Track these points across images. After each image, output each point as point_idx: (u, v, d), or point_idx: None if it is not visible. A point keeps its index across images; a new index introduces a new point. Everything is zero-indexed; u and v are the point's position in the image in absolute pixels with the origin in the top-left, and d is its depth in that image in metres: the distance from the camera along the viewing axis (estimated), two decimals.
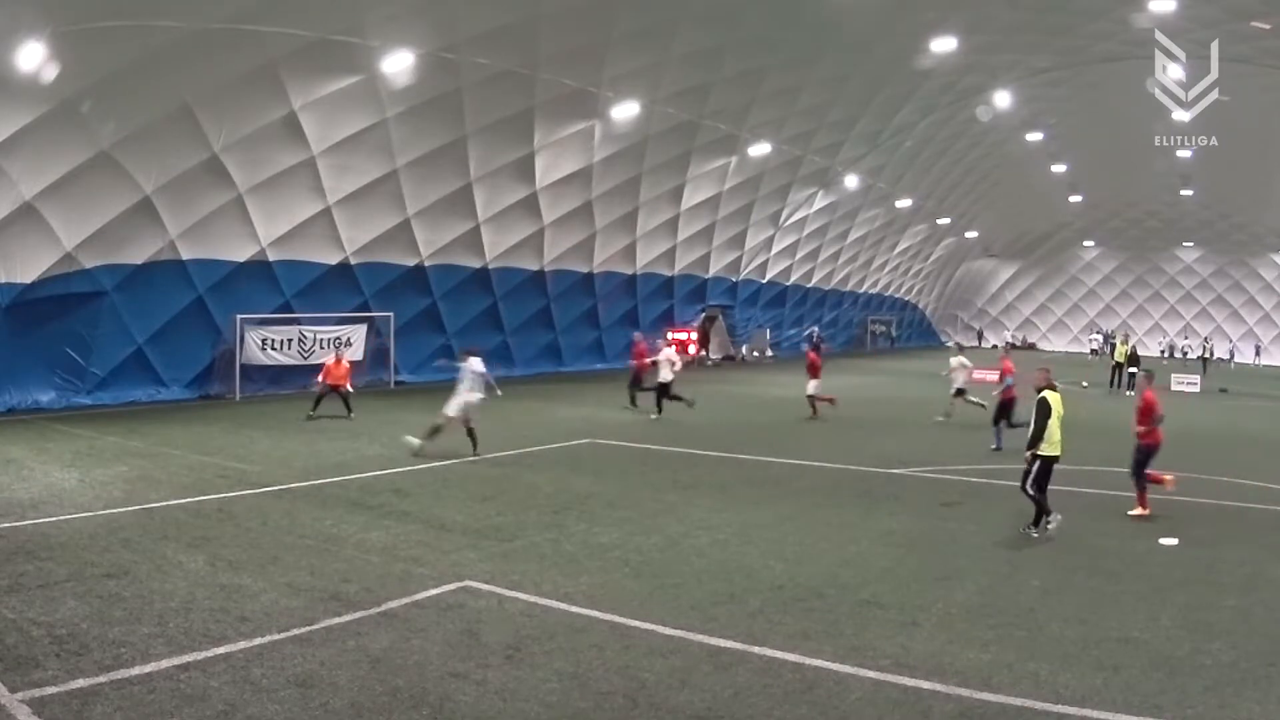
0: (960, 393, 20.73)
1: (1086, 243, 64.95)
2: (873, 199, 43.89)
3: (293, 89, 19.49)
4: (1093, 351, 59.08)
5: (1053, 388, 11.04)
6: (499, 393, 15.78)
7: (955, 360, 21.23)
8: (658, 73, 25.46)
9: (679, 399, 20.93)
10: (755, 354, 44.28)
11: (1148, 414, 12.07)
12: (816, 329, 44.26)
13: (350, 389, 19.62)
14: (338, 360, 19.94)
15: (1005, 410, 17.51)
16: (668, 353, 21.31)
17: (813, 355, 22.43)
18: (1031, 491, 10.76)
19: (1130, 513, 11.90)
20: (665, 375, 20.97)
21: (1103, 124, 39.41)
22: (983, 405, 19.44)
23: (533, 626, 7.24)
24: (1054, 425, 10.71)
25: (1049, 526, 10.64)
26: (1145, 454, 12.06)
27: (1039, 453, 10.69)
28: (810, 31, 25.92)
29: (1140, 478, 12.03)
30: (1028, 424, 10.95)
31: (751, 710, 5.88)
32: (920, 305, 65.18)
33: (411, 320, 26.60)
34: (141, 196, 18.96)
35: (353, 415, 19.05)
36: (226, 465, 13.59)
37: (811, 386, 21.70)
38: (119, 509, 10.66)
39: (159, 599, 7.55)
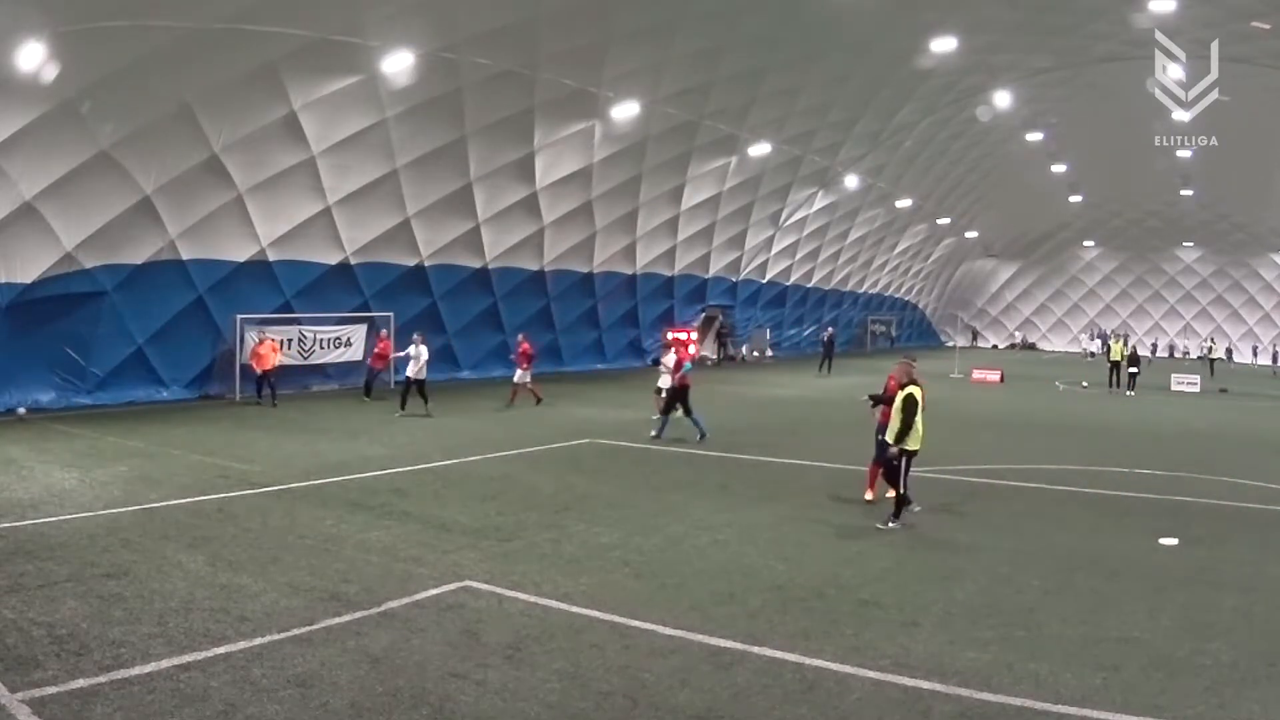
0: (659, 391, 20.40)
1: (1086, 243, 64.90)
2: (873, 199, 43.86)
3: (293, 89, 19.49)
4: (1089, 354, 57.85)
5: (916, 383, 11.12)
6: None
7: (666, 358, 21.00)
8: (658, 73, 25.45)
9: (425, 400, 20.22)
10: (755, 354, 44.32)
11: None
12: (831, 328, 44.05)
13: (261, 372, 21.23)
14: (262, 343, 21.53)
15: (678, 398, 17.69)
16: (419, 349, 20.65)
17: (526, 346, 22.38)
18: (902, 488, 10.92)
19: (865, 496, 12.44)
20: (413, 370, 20.48)
21: (1103, 124, 39.36)
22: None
23: (533, 626, 7.23)
24: (918, 420, 10.84)
25: (914, 511, 10.91)
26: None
27: (905, 447, 10.81)
28: (810, 31, 25.90)
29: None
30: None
31: (751, 710, 5.88)
32: (920, 305, 65.16)
33: (411, 320, 26.56)
34: (141, 196, 18.94)
35: (276, 404, 20.83)
36: (226, 465, 13.58)
37: (518, 376, 22.22)
38: (119, 509, 10.66)
39: (159, 599, 7.54)
